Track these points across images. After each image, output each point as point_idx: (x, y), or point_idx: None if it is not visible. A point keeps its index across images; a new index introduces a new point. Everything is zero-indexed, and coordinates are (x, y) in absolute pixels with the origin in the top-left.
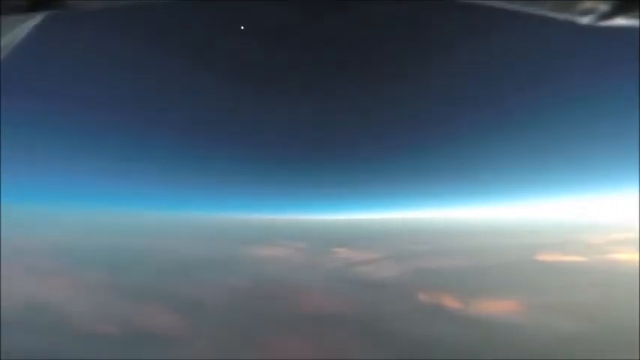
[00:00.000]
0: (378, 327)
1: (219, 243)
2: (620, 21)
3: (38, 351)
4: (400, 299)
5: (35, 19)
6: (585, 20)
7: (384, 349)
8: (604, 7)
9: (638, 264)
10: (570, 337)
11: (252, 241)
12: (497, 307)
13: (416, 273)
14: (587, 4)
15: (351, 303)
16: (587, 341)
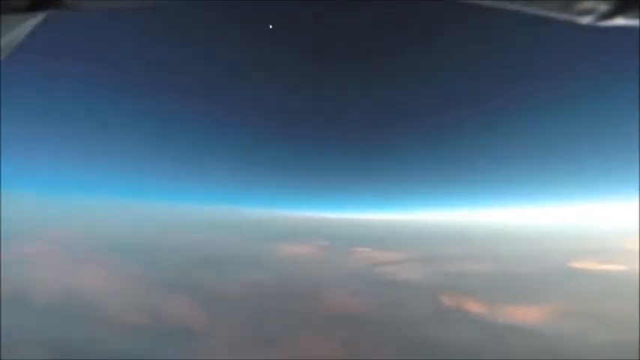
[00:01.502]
0: (399, 330)
1: (245, 238)
2: (620, 21)
3: (71, 339)
4: (423, 303)
5: (35, 19)
6: (585, 20)
7: (404, 352)
8: (604, 7)
9: None
10: (599, 348)
11: (278, 238)
12: (525, 315)
13: (441, 276)
14: (587, 4)
15: (372, 304)
16: (616, 353)
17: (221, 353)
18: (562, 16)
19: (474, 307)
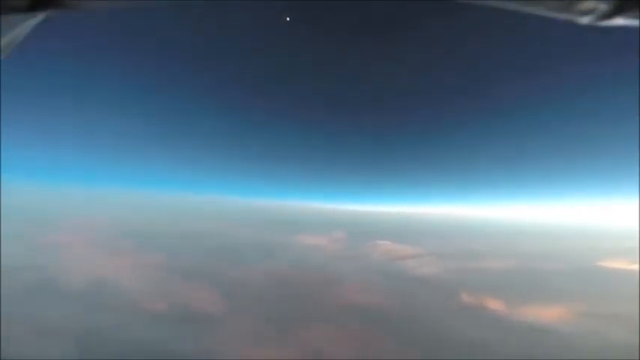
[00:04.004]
0: (414, 326)
1: (265, 229)
2: (620, 21)
3: (99, 326)
4: (441, 299)
5: (35, 19)
6: (585, 20)
7: (417, 349)
8: (604, 7)
9: None
10: (616, 351)
11: (298, 229)
12: (544, 314)
13: (462, 272)
14: (587, 4)
15: (389, 298)
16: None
17: (240, 339)
18: (562, 16)
19: (493, 304)
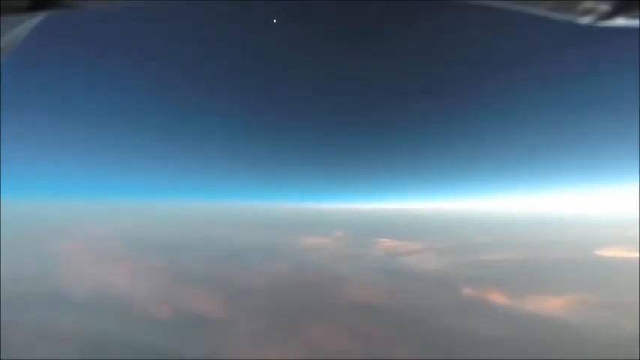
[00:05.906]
0: (421, 321)
1: (267, 231)
2: (620, 21)
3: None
4: (445, 293)
5: (35, 19)
6: (585, 20)
7: (421, 344)
8: (604, 7)
9: None
10: (622, 340)
11: (301, 230)
12: (546, 305)
13: (464, 266)
14: (587, 4)
15: (394, 294)
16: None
17: (252, 339)
18: (562, 16)
19: (496, 296)
